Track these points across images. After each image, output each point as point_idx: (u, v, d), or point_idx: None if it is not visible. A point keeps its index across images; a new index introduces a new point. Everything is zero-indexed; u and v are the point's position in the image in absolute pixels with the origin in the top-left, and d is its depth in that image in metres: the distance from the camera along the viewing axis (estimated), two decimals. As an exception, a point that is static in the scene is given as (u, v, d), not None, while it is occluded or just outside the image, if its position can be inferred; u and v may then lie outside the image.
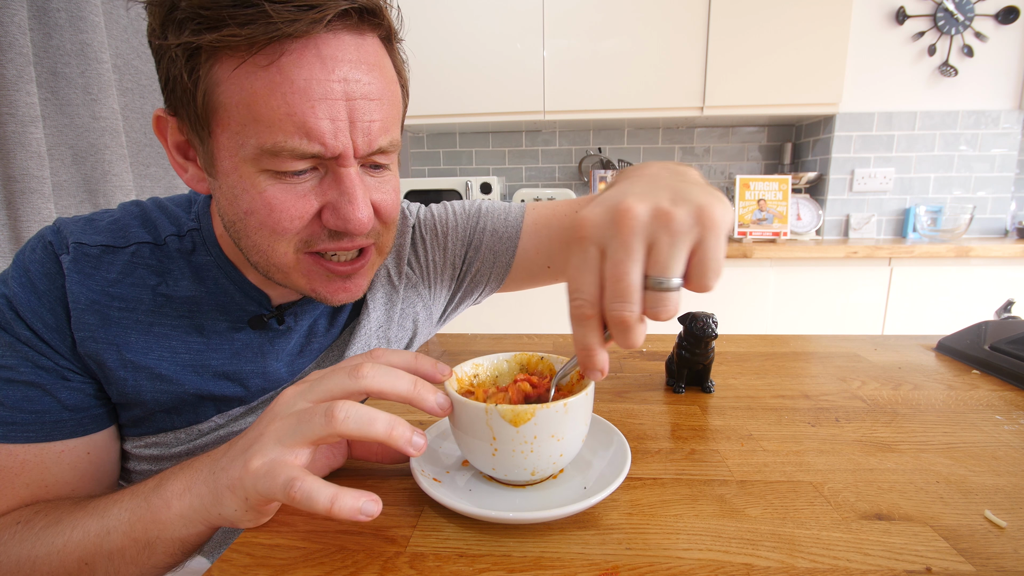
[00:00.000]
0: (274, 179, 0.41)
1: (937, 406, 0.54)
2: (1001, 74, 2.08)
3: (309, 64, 0.39)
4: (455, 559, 0.32)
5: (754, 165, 2.48)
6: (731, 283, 1.91)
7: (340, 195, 0.42)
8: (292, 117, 0.39)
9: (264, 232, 0.43)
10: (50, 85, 1.13)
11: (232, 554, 0.33)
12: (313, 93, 0.39)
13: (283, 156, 0.40)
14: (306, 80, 0.38)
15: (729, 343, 0.77)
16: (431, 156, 2.61)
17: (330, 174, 0.43)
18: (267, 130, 0.39)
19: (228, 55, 0.38)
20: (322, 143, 0.40)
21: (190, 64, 0.39)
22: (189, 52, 0.39)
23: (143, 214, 0.53)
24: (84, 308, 0.47)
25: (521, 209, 0.68)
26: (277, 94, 0.38)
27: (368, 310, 0.61)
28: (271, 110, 0.38)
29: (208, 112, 0.41)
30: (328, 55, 0.39)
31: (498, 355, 0.46)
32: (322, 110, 0.39)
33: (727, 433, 0.48)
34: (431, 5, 2.06)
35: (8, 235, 1.09)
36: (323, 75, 0.39)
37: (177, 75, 0.40)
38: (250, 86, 0.38)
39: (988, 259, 1.84)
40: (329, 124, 0.39)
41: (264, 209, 0.42)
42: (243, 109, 0.39)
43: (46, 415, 0.46)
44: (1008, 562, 0.31)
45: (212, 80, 0.39)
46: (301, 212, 0.42)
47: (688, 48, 2.02)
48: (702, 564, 0.31)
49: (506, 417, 0.34)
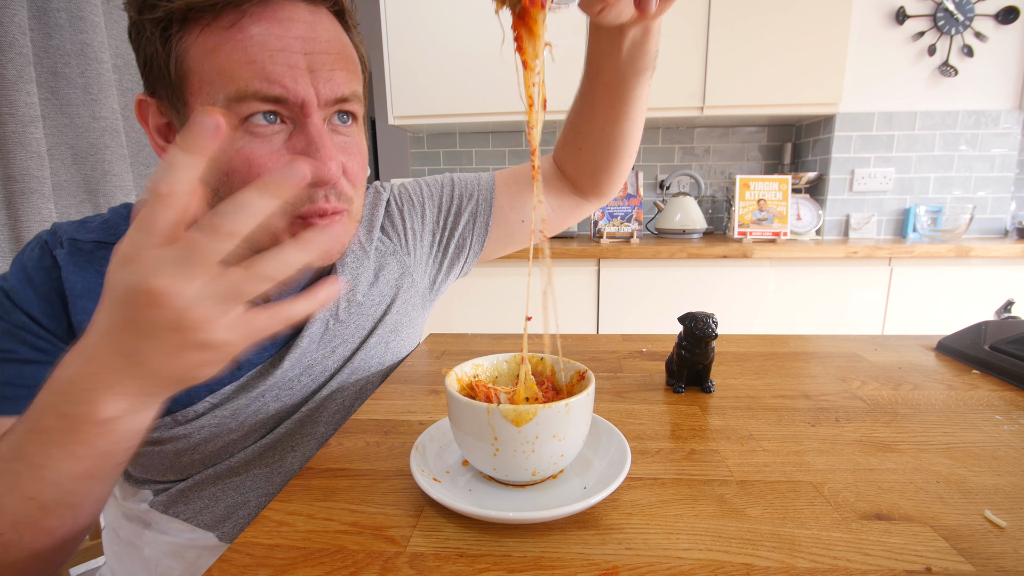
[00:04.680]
0: (248, 135, 0.44)
1: (937, 406, 0.54)
2: (1001, 74, 2.08)
3: (268, 23, 0.43)
4: (455, 559, 0.32)
5: (754, 165, 2.48)
6: (731, 283, 1.91)
7: (308, 145, 0.45)
8: (252, 65, 0.42)
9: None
10: (50, 85, 1.13)
11: (232, 554, 0.33)
12: (271, 44, 0.43)
13: (248, 101, 0.43)
14: (264, 35, 0.43)
15: (729, 343, 0.77)
16: (431, 156, 2.60)
17: (298, 128, 0.45)
18: (231, 79, 0.42)
19: (194, 23, 0.42)
20: (282, 86, 0.43)
21: (163, 37, 0.43)
22: (162, 25, 0.42)
23: (132, 213, 0.53)
24: (81, 294, 0.49)
25: (490, 174, 0.75)
26: (239, 48, 0.42)
27: (336, 275, 0.63)
28: (232, 62, 0.42)
29: (180, 80, 0.44)
30: (285, 16, 0.44)
31: (498, 355, 0.46)
32: (280, 58, 0.43)
33: (727, 433, 0.48)
34: (431, 5, 2.06)
35: (8, 235, 1.09)
36: (281, 31, 0.43)
37: (153, 52, 0.44)
38: (214, 45, 0.42)
39: (988, 259, 1.84)
40: (288, 69, 0.43)
41: (243, 165, 0.44)
42: (208, 67, 0.42)
43: (36, 390, 0.45)
44: (1008, 562, 0.31)
45: (182, 48, 0.43)
46: (276, 164, 0.44)
47: (688, 48, 2.02)
48: (702, 564, 0.31)
49: (508, 417, 0.34)
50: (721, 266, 1.90)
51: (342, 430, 0.51)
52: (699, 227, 2.22)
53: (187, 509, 0.58)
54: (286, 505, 0.38)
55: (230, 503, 0.58)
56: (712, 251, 1.86)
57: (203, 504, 0.57)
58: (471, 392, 0.42)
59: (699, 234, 2.24)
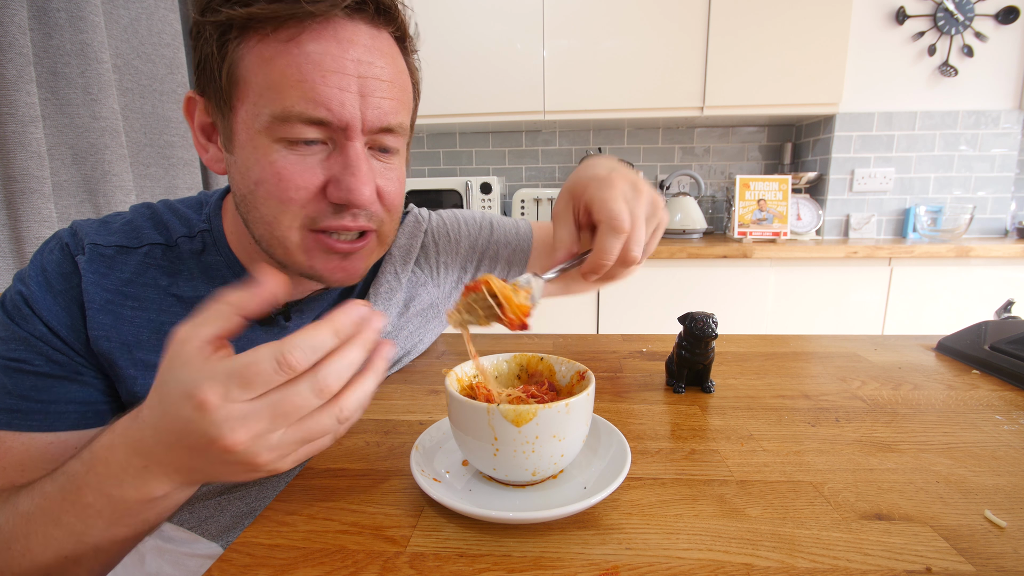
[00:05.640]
0: (285, 149, 0.43)
1: (937, 406, 0.54)
2: (1001, 74, 2.08)
3: (326, 41, 0.42)
4: (455, 559, 0.32)
5: (754, 165, 2.48)
6: (731, 283, 1.91)
7: (345, 167, 0.44)
8: (303, 84, 0.41)
9: (271, 203, 0.44)
10: (50, 85, 1.13)
11: (232, 554, 0.33)
12: (326, 65, 0.41)
13: (292, 121, 0.42)
14: (321, 54, 0.41)
15: (729, 343, 0.77)
16: (431, 156, 2.60)
17: (337, 149, 0.45)
18: (279, 96, 0.41)
19: (254, 32, 0.42)
20: (328, 108, 0.42)
21: (221, 41, 0.42)
22: (221, 29, 0.42)
23: (154, 216, 0.54)
24: (99, 308, 0.48)
25: (528, 225, 0.74)
26: (293, 65, 0.41)
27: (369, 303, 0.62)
28: (285, 78, 0.41)
29: (231, 86, 0.43)
30: (345, 37, 0.42)
31: (498, 355, 0.46)
32: (332, 80, 0.42)
33: (727, 433, 0.48)
34: (431, 5, 2.06)
35: (8, 235, 1.09)
36: (338, 52, 0.42)
37: (208, 53, 0.43)
38: (269, 58, 0.41)
39: (988, 259, 1.84)
40: (337, 92, 0.42)
41: (273, 178, 0.43)
42: (260, 79, 0.42)
43: (52, 405, 0.46)
44: (1008, 562, 0.31)
45: (237, 55, 0.42)
46: (307, 182, 0.44)
47: (688, 48, 2.02)
48: (702, 564, 0.31)
49: (508, 417, 0.34)
50: (721, 266, 1.90)
51: (342, 430, 0.51)
52: (699, 227, 2.21)
53: (192, 517, 0.57)
54: (286, 505, 0.38)
55: (236, 513, 0.58)
56: (712, 251, 1.86)
57: (208, 513, 0.57)
58: (471, 392, 0.42)
59: (699, 234, 2.24)
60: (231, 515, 0.57)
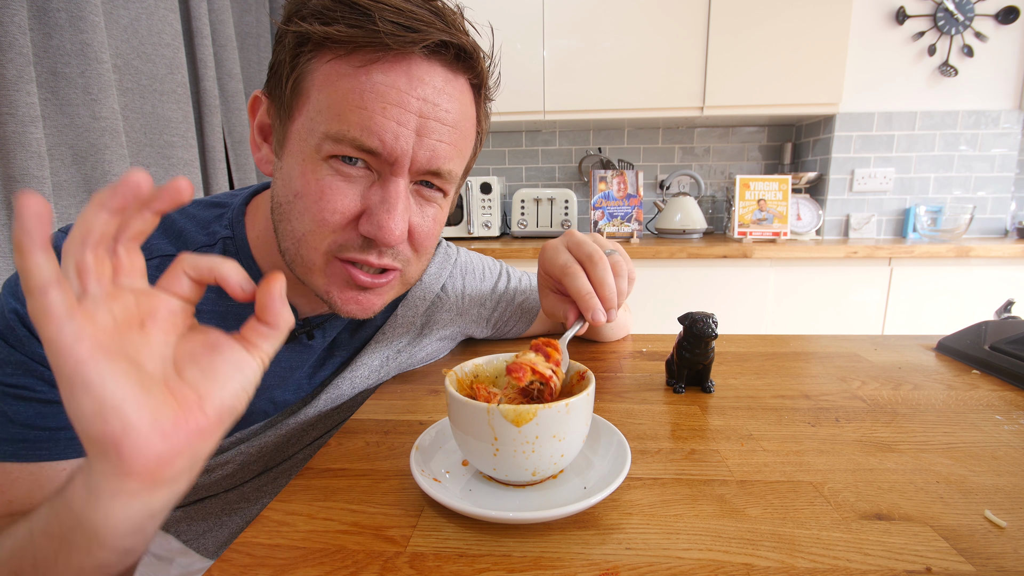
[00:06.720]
0: (331, 171, 0.43)
1: (937, 406, 0.54)
2: (1001, 74, 2.08)
3: (396, 75, 0.41)
4: (455, 559, 0.32)
5: (754, 165, 2.48)
6: (731, 283, 1.91)
7: (382, 201, 0.43)
8: (362, 111, 0.41)
9: (306, 219, 0.44)
10: (50, 85, 1.13)
11: (232, 554, 0.33)
12: (389, 97, 0.41)
13: (343, 144, 0.42)
14: (387, 86, 0.41)
15: (729, 343, 0.77)
16: (431, 156, 2.60)
17: (380, 181, 0.44)
18: (336, 118, 0.41)
19: (329, 50, 0.42)
20: (381, 139, 0.41)
21: (296, 51, 0.43)
22: (299, 39, 0.42)
23: (166, 222, 0.51)
24: None
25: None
26: (357, 91, 0.41)
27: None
28: (347, 102, 0.41)
29: (294, 95, 0.44)
30: (416, 75, 0.42)
31: (498, 355, 0.46)
32: (391, 113, 0.41)
33: (727, 433, 0.48)
34: (431, 5, 2.06)
35: (8, 235, 1.09)
36: (406, 87, 0.41)
37: (282, 59, 0.44)
38: (337, 79, 0.41)
39: (988, 259, 1.84)
40: (394, 126, 0.41)
41: (314, 194, 0.43)
42: (323, 96, 0.42)
43: (62, 432, 0.43)
44: (1008, 562, 0.31)
45: (307, 68, 0.43)
46: (344, 207, 0.43)
47: (688, 48, 2.02)
48: (702, 564, 0.31)
49: (508, 417, 0.34)
50: (721, 266, 1.90)
51: (342, 430, 0.51)
52: (699, 227, 2.21)
53: (189, 530, 0.56)
54: (286, 505, 0.38)
55: (235, 529, 0.57)
56: (712, 251, 1.86)
57: (207, 527, 0.56)
58: (471, 392, 0.42)
59: (699, 234, 2.24)
60: (229, 531, 0.57)
